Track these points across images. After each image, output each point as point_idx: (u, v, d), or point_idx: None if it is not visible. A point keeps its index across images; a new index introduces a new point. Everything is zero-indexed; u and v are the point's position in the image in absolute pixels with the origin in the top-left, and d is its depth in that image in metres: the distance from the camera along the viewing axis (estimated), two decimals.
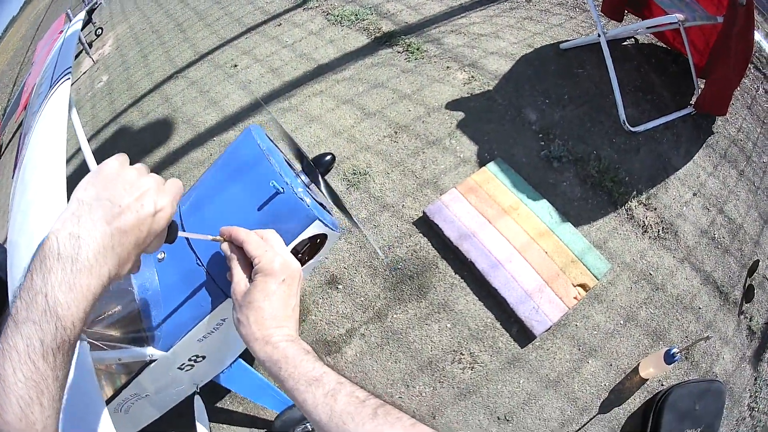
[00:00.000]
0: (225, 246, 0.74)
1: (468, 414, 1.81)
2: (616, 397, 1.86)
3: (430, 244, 2.04)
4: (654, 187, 2.21)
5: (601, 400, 1.86)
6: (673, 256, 2.10)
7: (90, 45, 5.11)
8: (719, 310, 2.14)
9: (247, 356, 1.54)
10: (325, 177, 1.06)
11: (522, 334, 1.87)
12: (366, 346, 1.90)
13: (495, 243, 1.91)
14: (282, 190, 0.93)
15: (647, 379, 1.89)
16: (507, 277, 1.87)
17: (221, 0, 4.12)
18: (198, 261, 1.02)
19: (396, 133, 2.36)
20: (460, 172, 2.18)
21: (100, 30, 5.55)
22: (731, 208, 2.32)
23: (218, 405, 1.83)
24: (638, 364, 1.90)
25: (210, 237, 0.76)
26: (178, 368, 1.22)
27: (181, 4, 4.58)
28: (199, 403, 1.53)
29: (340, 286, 2.02)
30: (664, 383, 1.92)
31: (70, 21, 2.06)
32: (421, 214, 2.08)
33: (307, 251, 1.12)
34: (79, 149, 1.56)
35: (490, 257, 1.89)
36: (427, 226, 2.07)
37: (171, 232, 0.64)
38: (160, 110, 3.03)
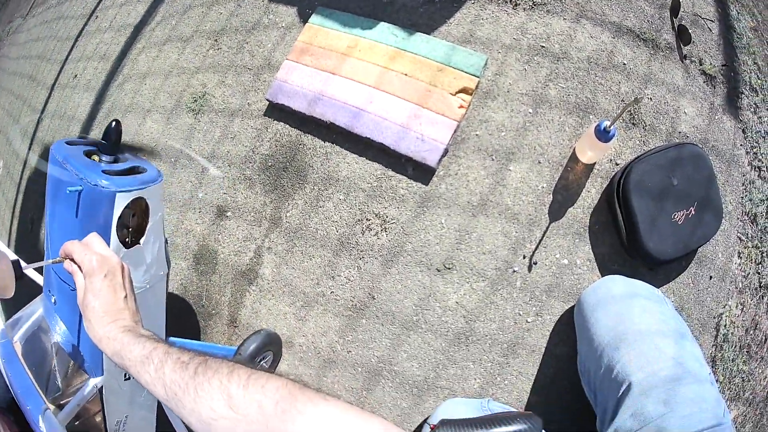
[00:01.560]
0: (66, 264, 0.75)
1: (405, 278, 1.57)
2: (563, 196, 1.59)
3: (287, 126, 1.82)
4: None
5: (547, 205, 1.59)
6: (564, 18, 1.77)
7: None
8: (652, 59, 1.81)
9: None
10: (119, 142, 1.14)
11: (419, 170, 1.60)
12: (277, 257, 1.72)
13: (347, 91, 1.64)
14: (81, 188, 0.99)
15: (593, 164, 1.59)
16: (374, 119, 1.59)
17: (50, 33, 4.17)
18: (70, 287, 1.10)
19: (216, 40, 2.18)
20: (288, 41, 1.94)
21: None
22: None
23: None
24: (573, 150, 1.60)
25: (50, 261, 0.79)
26: (126, 379, 1.27)
27: (27, 60, 4.68)
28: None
29: (228, 213, 1.85)
30: (618, 162, 1.62)
31: None
32: (267, 103, 1.86)
33: (135, 221, 1.19)
34: None
35: (348, 108, 1.62)
36: (277, 111, 1.85)
37: (16, 269, 0.70)
38: (42, 155, 3.06)
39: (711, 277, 1.63)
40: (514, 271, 1.56)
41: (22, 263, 0.73)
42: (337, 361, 1.61)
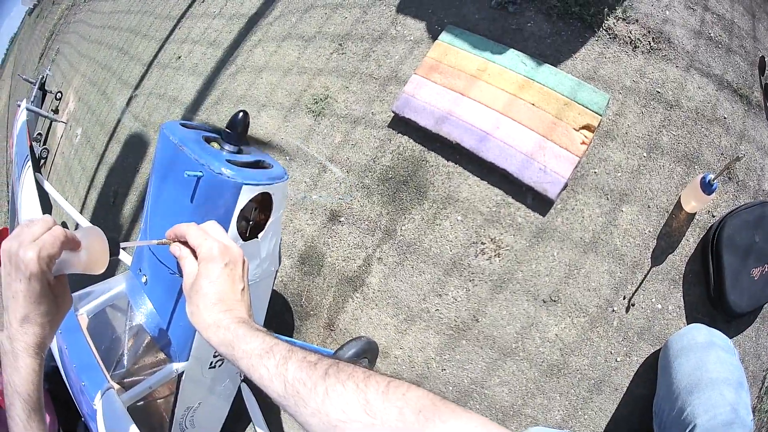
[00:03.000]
0: (173, 247, 0.73)
1: (510, 306, 1.58)
2: (666, 242, 1.62)
3: (411, 141, 1.82)
4: None
5: (651, 250, 1.62)
6: (676, 66, 1.81)
7: (56, 110, 5.34)
8: (746, 115, 1.86)
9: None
10: (245, 134, 1.10)
11: (538, 201, 1.62)
12: (386, 268, 1.73)
13: (475, 114, 1.65)
14: (201, 174, 0.96)
15: (694, 213, 1.63)
16: (500, 145, 1.60)
17: (145, 7, 4.10)
18: (170, 270, 1.08)
19: (341, 45, 2.17)
20: (416, 55, 1.94)
21: (59, 94, 5.67)
22: (714, 4, 2.02)
23: None
24: (679, 198, 1.64)
25: (155, 241, 0.76)
26: (210, 367, 1.26)
27: (116, 31, 4.60)
28: (246, 391, 1.53)
29: (341, 219, 1.85)
30: (714, 214, 1.66)
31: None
32: (392, 115, 1.85)
33: (256, 215, 1.15)
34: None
35: (475, 131, 1.63)
36: (402, 124, 1.84)
37: (113, 246, 0.67)
38: (133, 131, 3.06)
39: None
40: (613, 311, 1.59)
41: (121, 243, 0.70)
42: (430, 377, 1.62)
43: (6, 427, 0.65)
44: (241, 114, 1.21)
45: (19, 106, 2.34)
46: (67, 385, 1.19)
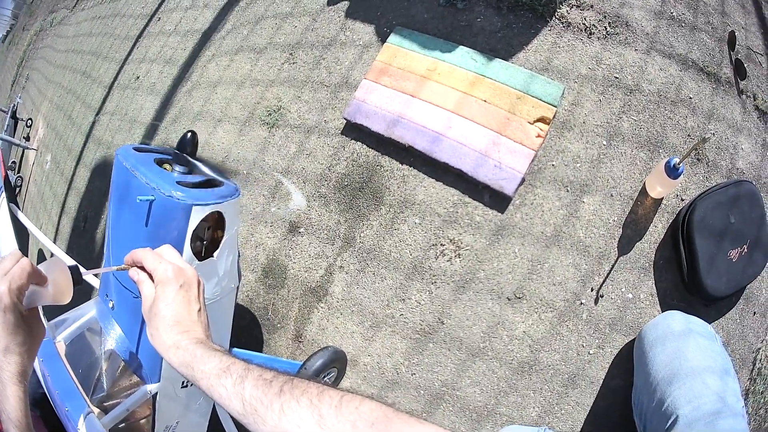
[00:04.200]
0: (131, 272, 0.74)
1: (475, 305, 1.57)
2: (632, 230, 1.60)
3: (365, 146, 1.81)
4: None
5: (617, 239, 1.60)
6: (635, 49, 1.78)
7: (28, 138, 5.39)
8: (714, 94, 1.82)
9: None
10: (194, 154, 1.16)
11: (496, 198, 1.60)
12: (348, 276, 1.72)
13: (426, 115, 1.63)
14: (153, 198, 0.97)
15: (661, 199, 1.60)
16: (453, 145, 1.59)
17: (106, 29, 4.13)
18: (133, 294, 1.09)
19: (291, 54, 2.16)
20: (366, 60, 1.93)
21: (30, 120, 5.69)
22: None
23: None
24: (644, 184, 1.61)
25: (115, 268, 0.78)
26: (183, 387, 1.26)
27: (78, 55, 4.63)
28: (220, 409, 1.54)
29: (301, 229, 1.85)
30: (684, 197, 1.63)
31: None
32: (344, 122, 1.85)
33: (210, 234, 1.17)
34: None
35: (427, 132, 1.62)
36: (355, 130, 1.83)
37: (75, 276, 0.70)
38: (99, 155, 3.08)
39: (755, 313, 1.67)
40: (582, 304, 1.57)
41: (82, 269, 0.73)
42: (401, 382, 1.61)
43: None
44: (189, 134, 1.22)
45: None
46: (56, 410, 1.22)
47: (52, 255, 2.23)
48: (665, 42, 1.81)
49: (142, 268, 0.73)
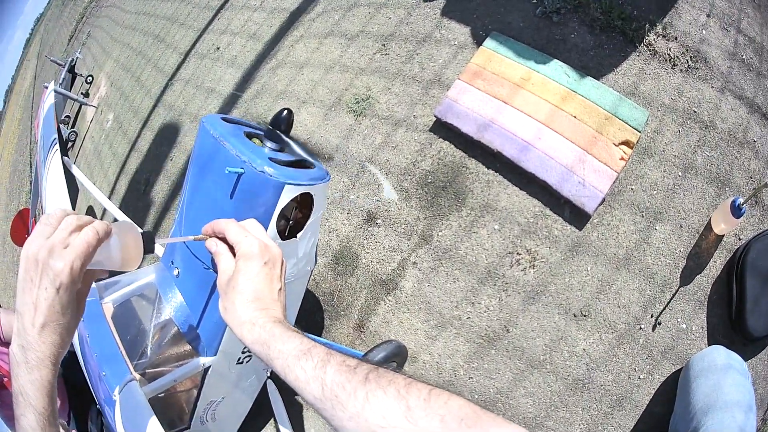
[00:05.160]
0: (209, 243, 0.71)
1: (541, 318, 1.58)
2: (695, 263, 1.63)
3: (452, 146, 1.80)
4: (666, 14, 1.91)
5: (680, 269, 1.62)
6: (712, 87, 1.82)
7: (87, 94, 5.30)
8: None
9: None
10: (288, 132, 1.09)
11: (575, 215, 1.61)
12: (421, 273, 1.71)
13: (517, 123, 1.63)
14: (242, 171, 0.94)
15: (723, 235, 1.64)
16: (541, 156, 1.59)
17: None
18: (204, 265, 1.06)
19: (384, 45, 2.14)
20: (460, 60, 1.92)
21: (90, 77, 5.63)
22: (747, 27, 2.03)
23: None
24: (709, 219, 1.64)
25: (192, 237, 0.74)
26: (237, 363, 1.24)
27: (151, 18, 4.53)
28: (272, 388, 1.54)
29: (378, 221, 1.83)
30: (741, 237, 1.67)
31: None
32: (434, 119, 1.83)
33: (296, 214, 1.15)
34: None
35: (517, 140, 1.62)
36: (444, 128, 1.82)
37: (147, 243, 0.65)
38: (168, 120, 3.02)
39: None
40: (641, 329, 1.60)
41: (156, 238, 0.68)
42: (457, 384, 1.61)
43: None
44: (285, 112, 1.18)
45: (46, 87, 2.26)
46: (84, 371, 1.17)
47: (104, 214, 2.14)
48: (737, 83, 1.86)
49: (223, 240, 0.70)
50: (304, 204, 1.15)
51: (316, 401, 0.53)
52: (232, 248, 0.70)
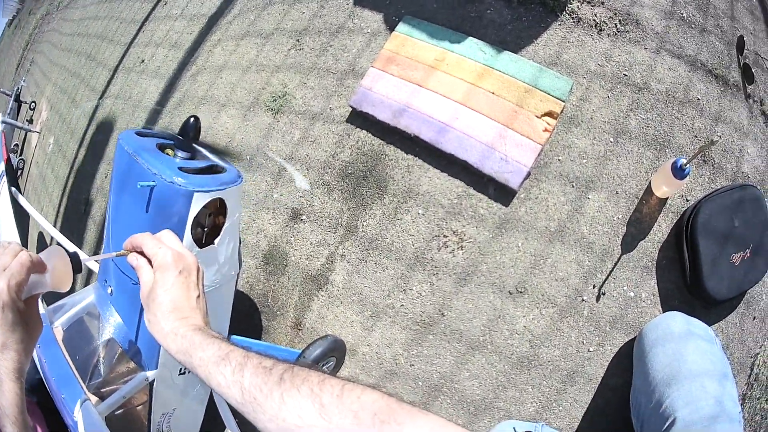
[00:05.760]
0: (130, 258, 0.73)
1: (476, 299, 1.56)
2: (636, 229, 1.59)
3: (370, 135, 1.80)
4: None
5: (621, 237, 1.59)
6: (645, 48, 1.77)
7: (31, 121, 5.38)
8: (722, 96, 1.81)
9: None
10: (197, 139, 1.13)
11: (500, 191, 1.59)
12: (350, 265, 1.71)
13: (433, 105, 1.62)
14: (154, 183, 0.96)
15: (666, 198, 1.59)
16: (459, 136, 1.58)
17: (112, 12, 4.13)
18: (132, 280, 1.08)
19: (298, 40, 2.15)
20: (373, 48, 1.91)
21: (33, 103, 5.70)
22: None
23: None
24: (649, 183, 1.60)
25: (114, 254, 0.76)
26: (180, 374, 1.25)
27: (84, 38, 4.62)
28: (216, 396, 1.52)
29: (303, 217, 1.84)
30: (689, 198, 1.62)
31: None
32: (350, 110, 1.83)
33: (211, 221, 1.16)
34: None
35: (434, 122, 1.60)
36: (360, 118, 1.82)
37: (75, 264, 0.68)
38: (102, 138, 3.07)
39: (754, 318, 1.66)
40: (583, 300, 1.56)
41: (82, 256, 0.71)
42: (399, 373, 1.60)
43: None
44: (192, 119, 1.20)
45: None
46: (52, 396, 1.21)
47: (52, 239, 2.21)
48: (675, 42, 1.80)
49: (142, 254, 0.72)
50: (220, 209, 1.17)
51: (238, 405, 0.54)
52: (148, 262, 0.72)
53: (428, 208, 1.63)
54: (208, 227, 1.21)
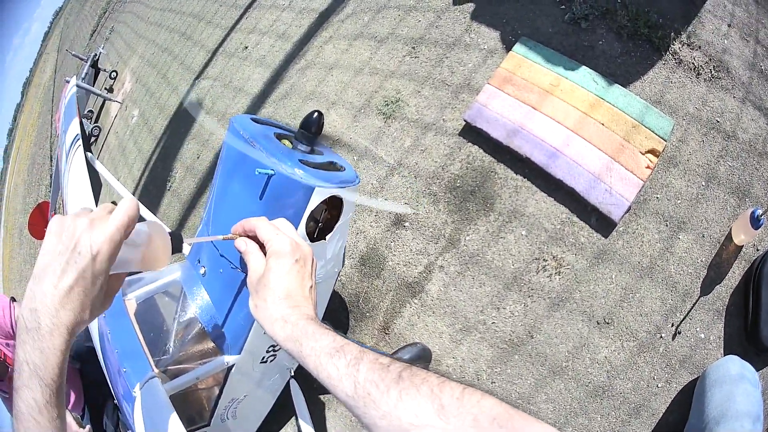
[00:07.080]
0: (239, 242, 0.71)
1: (565, 324, 1.58)
2: (715, 273, 1.64)
3: (481, 151, 1.80)
4: (689, 23, 1.92)
5: (701, 279, 1.64)
6: (734, 97, 1.83)
7: (111, 89, 5.30)
8: None
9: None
10: (319, 134, 1.08)
11: (602, 222, 1.61)
12: (447, 277, 1.71)
13: (546, 129, 1.63)
14: (273, 172, 0.94)
15: (742, 246, 1.65)
16: (569, 163, 1.59)
17: None
18: (231, 264, 1.05)
19: (414, 48, 2.13)
20: (489, 65, 1.92)
21: (114, 73, 5.59)
22: (764, 37, 2.04)
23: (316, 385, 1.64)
24: (730, 230, 1.66)
25: (221, 237, 0.73)
26: (261, 362, 1.24)
27: (177, 15, 4.52)
28: (294, 387, 1.53)
29: (406, 224, 1.83)
30: (759, 248, 1.69)
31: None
32: (464, 123, 1.83)
33: (326, 216, 1.16)
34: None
35: (546, 146, 1.61)
36: (473, 133, 1.82)
37: (175, 242, 0.64)
38: (195, 117, 3.03)
39: None
40: (661, 337, 1.61)
41: (185, 238, 0.67)
42: (479, 388, 1.60)
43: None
44: (315, 114, 1.17)
45: (68, 82, 2.20)
46: (104, 366, 1.16)
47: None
48: (756, 94, 1.87)
49: (252, 239, 0.70)
50: (333, 206, 1.15)
51: (348, 399, 0.53)
52: (261, 248, 0.70)
53: (532, 230, 1.64)
54: (322, 223, 1.19)
